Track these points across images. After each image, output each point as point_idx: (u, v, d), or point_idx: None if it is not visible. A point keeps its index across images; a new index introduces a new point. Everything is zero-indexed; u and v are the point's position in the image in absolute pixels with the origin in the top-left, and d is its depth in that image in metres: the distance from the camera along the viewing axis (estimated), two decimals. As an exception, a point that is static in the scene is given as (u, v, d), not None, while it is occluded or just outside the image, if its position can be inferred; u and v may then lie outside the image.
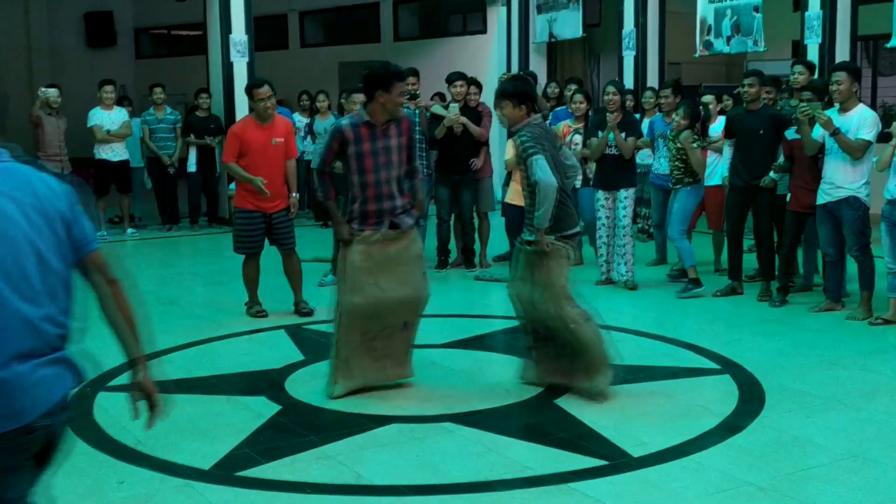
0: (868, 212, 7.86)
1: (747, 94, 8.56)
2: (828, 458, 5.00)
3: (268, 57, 17.81)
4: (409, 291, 6.06)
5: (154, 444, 5.27)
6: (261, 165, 8.00)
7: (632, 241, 9.22)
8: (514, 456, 5.08)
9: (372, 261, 5.96)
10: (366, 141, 5.94)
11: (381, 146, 5.97)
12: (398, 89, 5.91)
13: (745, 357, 6.81)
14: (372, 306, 5.94)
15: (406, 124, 6.10)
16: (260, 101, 8.02)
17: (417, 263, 6.14)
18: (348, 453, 5.11)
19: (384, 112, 5.94)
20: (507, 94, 6.05)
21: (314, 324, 8.00)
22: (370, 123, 5.95)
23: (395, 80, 5.90)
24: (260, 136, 8.03)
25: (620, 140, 9.03)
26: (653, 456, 5.04)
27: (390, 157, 5.99)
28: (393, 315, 6.05)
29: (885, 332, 7.52)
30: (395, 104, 5.94)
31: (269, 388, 6.30)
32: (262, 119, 8.08)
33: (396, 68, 6.01)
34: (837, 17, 11.79)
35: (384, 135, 5.98)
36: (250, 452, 5.14)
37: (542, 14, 15.97)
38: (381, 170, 5.97)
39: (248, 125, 8.14)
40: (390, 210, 6.03)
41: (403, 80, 6.07)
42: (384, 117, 5.96)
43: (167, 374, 6.62)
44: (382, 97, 5.88)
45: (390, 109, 5.94)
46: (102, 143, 12.83)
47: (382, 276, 5.96)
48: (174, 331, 7.83)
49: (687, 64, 15.82)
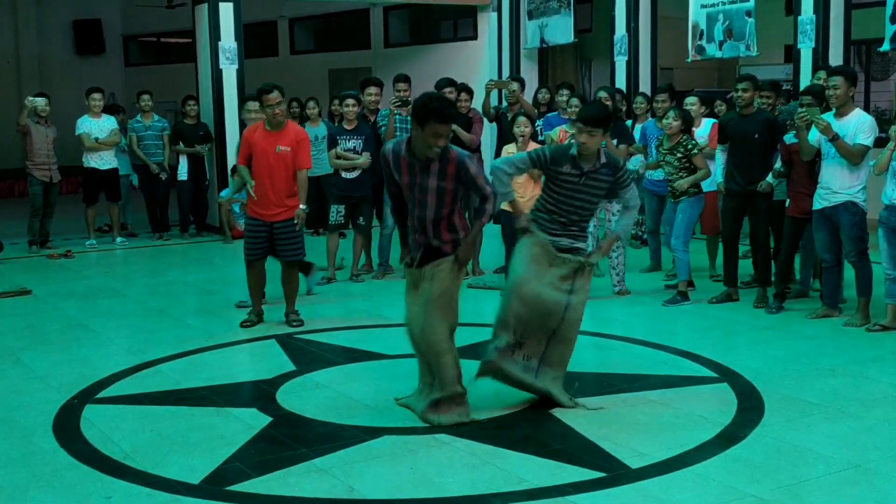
0: (865, 217, 7.79)
1: (741, 98, 8.49)
2: (829, 469, 4.92)
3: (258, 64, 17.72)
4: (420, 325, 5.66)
5: (142, 457, 5.17)
6: (261, 170, 7.92)
7: (623, 252, 9.15)
8: (509, 468, 4.98)
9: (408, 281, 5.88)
10: (405, 172, 5.57)
11: (418, 183, 5.55)
12: (432, 130, 5.35)
13: (743, 365, 6.73)
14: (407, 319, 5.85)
15: (454, 168, 5.52)
16: (268, 107, 7.90)
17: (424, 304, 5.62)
18: (341, 466, 5.01)
19: (418, 147, 5.49)
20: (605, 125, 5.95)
21: (306, 333, 7.92)
22: (405, 156, 5.55)
23: (433, 120, 5.35)
24: (265, 142, 7.94)
25: (613, 147, 8.94)
26: (651, 467, 4.94)
27: (425, 198, 5.53)
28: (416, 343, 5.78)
29: (884, 339, 7.44)
30: (423, 143, 5.42)
31: (260, 399, 6.20)
32: (271, 125, 7.98)
33: (439, 107, 5.38)
34: (830, 21, 11.75)
35: (423, 172, 5.52)
36: (241, 466, 5.03)
37: (533, 20, 15.91)
38: (417, 206, 5.59)
39: (258, 129, 8.08)
40: (424, 246, 5.68)
41: (444, 123, 5.38)
42: (421, 153, 5.49)
43: (156, 386, 6.56)
44: (416, 131, 5.43)
45: (421, 147, 5.46)
46: (91, 151, 12.73)
47: (412, 294, 5.79)
48: (164, 341, 7.75)
49: (679, 69, 15.77)
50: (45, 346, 7.74)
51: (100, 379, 6.70)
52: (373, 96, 10.33)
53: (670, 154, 8.90)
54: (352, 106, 9.99)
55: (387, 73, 11.30)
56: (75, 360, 7.30)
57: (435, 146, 5.42)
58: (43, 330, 8.30)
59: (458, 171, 5.52)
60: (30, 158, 12.33)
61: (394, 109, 9.97)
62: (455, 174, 5.52)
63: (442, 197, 5.53)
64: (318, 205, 11.77)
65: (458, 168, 5.52)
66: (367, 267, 10.50)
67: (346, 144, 9.93)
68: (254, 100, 8.91)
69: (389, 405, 5.98)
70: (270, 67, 19.08)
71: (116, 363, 7.12)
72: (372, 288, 9.79)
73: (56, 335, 8.10)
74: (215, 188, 13.53)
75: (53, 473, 5.00)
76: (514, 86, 10.99)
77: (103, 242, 13.00)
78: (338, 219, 10.05)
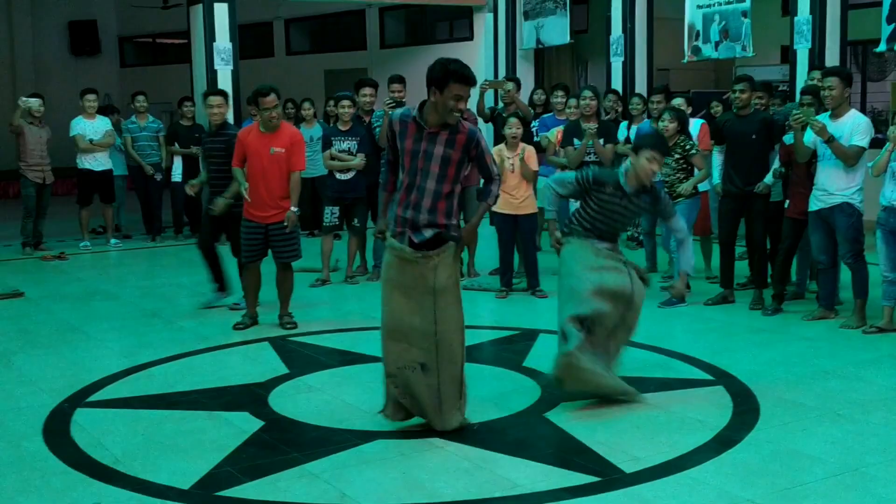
0: (861, 218, 7.75)
1: (738, 99, 8.45)
2: (825, 473, 4.88)
3: (253, 65, 17.70)
4: (419, 323, 5.34)
5: (133, 462, 5.13)
6: (255, 172, 7.90)
7: None
8: (503, 472, 4.94)
9: (390, 272, 5.44)
10: (409, 138, 5.38)
11: (423, 149, 5.35)
12: (453, 91, 5.22)
13: (739, 367, 6.68)
14: (385, 326, 5.43)
15: (464, 138, 5.39)
16: (265, 110, 7.86)
17: (432, 298, 5.34)
18: (332, 471, 4.96)
19: (435, 112, 5.31)
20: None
21: (300, 335, 7.88)
22: (417, 121, 5.38)
23: (453, 81, 5.22)
24: (259, 143, 7.92)
25: (600, 147, 8.91)
26: (646, 471, 4.90)
27: (429, 165, 5.33)
28: (400, 345, 5.38)
29: (880, 341, 7.40)
30: (445, 106, 5.25)
31: (252, 403, 6.14)
32: (266, 127, 7.94)
33: (460, 68, 5.30)
34: (827, 21, 11.72)
35: (431, 138, 5.35)
36: (232, 471, 4.98)
37: (529, 20, 15.87)
38: (416, 175, 5.36)
39: (252, 130, 8.09)
40: (412, 222, 5.38)
41: (466, 84, 5.27)
42: (436, 119, 5.33)
43: (148, 389, 6.51)
44: (436, 96, 5.26)
45: (441, 111, 5.28)
46: (85, 152, 12.68)
47: (396, 293, 5.40)
48: (156, 344, 7.71)
49: (676, 70, 15.73)
50: (36, 349, 7.69)
51: (91, 382, 6.66)
52: (367, 97, 10.28)
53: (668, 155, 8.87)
54: (347, 107, 9.95)
55: (383, 73, 11.28)
56: (67, 363, 7.25)
57: (455, 110, 5.29)
58: (35, 333, 8.24)
59: (468, 141, 5.40)
60: (23, 160, 12.27)
61: (388, 110, 9.92)
62: (465, 144, 5.39)
63: (446, 166, 5.36)
64: (313, 206, 11.73)
65: (469, 139, 5.40)
66: (362, 269, 10.46)
67: (340, 145, 9.89)
68: (216, 94, 8.81)
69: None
70: (266, 68, 19.07)
71: (108, 366, 7.07)
72: (366, 290, 9.73)
73: (48, 338, 8.05)
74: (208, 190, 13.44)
75: (42, 479, 4.95)
76: (509, 85, 10.95)
77: (97, 244, 12.95)
78: (332, 220, 10.01)
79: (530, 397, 6.15)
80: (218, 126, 8.71)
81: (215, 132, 8.72)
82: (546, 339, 7.68)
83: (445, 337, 5.36)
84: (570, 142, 8.98)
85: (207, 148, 8.81)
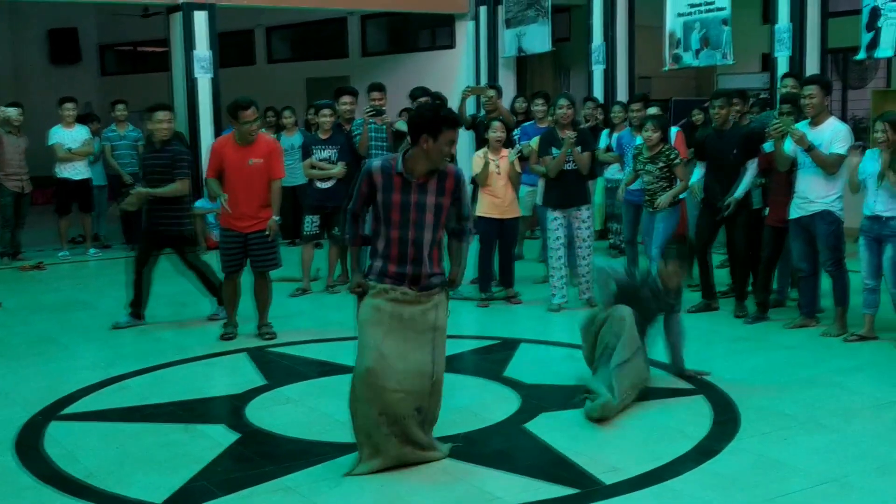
0: (842, 226, 7.74)
1: (717, 115, 8.43)
2: (807, 483, 4.84)
3: (234, 73, 17.61)
4: (416, 363, 5.06)
5: (106, 476, 5.05)
6: (235, 184, 7.84)
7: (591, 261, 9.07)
8: (481, 485, 4.88)
9: (379, 315, 5.06)
10: (397, 191, 5.05)
11: (415, 201, 5.07)
12: (447, 137, 5.01)
13: (719, 376, 6.65)
14: (373, 374, 4.98)
15: (452, 183, 5.20)
16: (245, 124, 7.79)
17: (436, 333, 5.15)
18: (309, 485, 4.89)
19: (426, 161, 5.05)
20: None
21: (279, 346, 7.81)
22: (402, 174, 5.08)
23: (446, 127, 5.01)
24: (236, 156, 7.85)
25: (578, 155, 8.87)
26: (626, 483, 4.86)
27: (423, 217, 5.07)
28: (397, 395, 5.00)
29: (861, 349, 7.39)
30: (440, 154, 5.03)
31: (228, 415, 6.08)
32: (244, 140, 7.87)
33: (449, 113, 5.15)
34: (807, 29, 11.74)
35: (420, 188, 5.08)
36: (206, 484, 4.91)
37: (511, 28, 15.85)
38: (411, 228, 5.07)
39: (228, 143, 7.99)
40: (413, 277, 5.10)
41: (456, 128, 5.12)
42: (424, 167, 5.08)
43: (123, 402, 6.43)
44: (427, 143, 4.99)
45: (433, 159, 5.05)
46: (64, 161, 12.58)
47: (388, 339, 5.03)
48: (134, 355, 7.65)
49: (657, 78, 15.74)
50: (11, 360, 7.58)
51: (66, 394, 6.57)
52: (347, 105, 10.23)
53: (651, 163, 8.84)
54: (328, 116, 9.90)
55: (364, 81, 11.21)
56: (42, 375, 7.16)
57: (448, 155, 5.13)
58: (10, 344, 8.14)
59: (456, 185, 5.20)
60: (1, 169, 12.16)
61: (368, 119, 9.89)
62: (453, 189, 5.20)
63: (440, 214, 5.17)
64: (294, 215, 11.67)
65: (457, 182, 5.21)
66: (343, 278, 10.39)
67: (320, 154, 9.84)
68: (164, 109, 8.62)
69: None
70: (247, 76, 18.98)
71: (84, 378, 6.98)
72: (346, 299, 9.55)
73: (23, 349, 7.95)
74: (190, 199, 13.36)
75: (13, 494, 4.87)
76: (490, 92, 10.91)
77: (76, 254, 12.85)
78: (312, 229, 9.95)
79: (510, 408, 6.10)
80: (163, 142, 8.48)
81: (160, 147, 8.48)
82: (527, 349, 7.65)
83: (440, 377, 5.18)
84: (548, 151, 8.93)
85: (150, 164, 8.54)
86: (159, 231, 8.47)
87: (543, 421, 5.83)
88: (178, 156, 8.39)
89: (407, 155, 5.10)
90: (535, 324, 8.59)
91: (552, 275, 9.07)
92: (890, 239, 7.34)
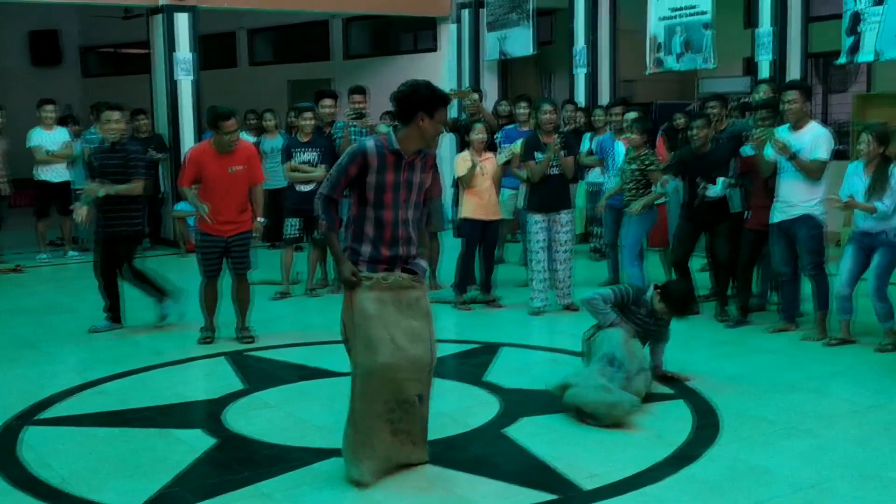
0: (823, 230, 7.74)
1: (697, 137, 8.35)
2: (786, 489, 4.82)
3: (217, 75, 17.54)
4: (421, 352, 4.98)
5: (80, 482, 5.00)
6: (216, 192, 7.79)
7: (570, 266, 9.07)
8: (460, 491, 4.85)
9: (384, 308, 4.93)
10: (390, 171, 4.93)
11: (405, 179, 5.00)
12: (441, 115, 4.98)
13: (699, 381, 6.62)
14: (390, 368, 4.89)
15: (432, 159, 5.21)
16: (226, 134, 7.74)
17: (429, 319, 5.10)
18: (285, 491, 4.85)
19: (420, 140, 4.98)
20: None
21: (258, 350, 7.76)
22: (399, 152, 4.98)
23: (440, 105, 4.98)
24: (217, 165, 7.79)
25: (565, 159, 8.86)
26: (605, 489, 4.83)
27: (411, 196, 5.10)
28: (408, 382, 4.96)
29: (842, 354, 7.38)
30: (435, 132, 4.99)
31: (206, 420, 6.03)
32: (223, 149, 7.81)
33: (441, 91, 5.07)
34: (789, 34, 11.75)
35: (410, 167, 5.00)
36: (181, 491, 4.86)
37: (494, 31, 15.82)
38: (402, 208, 5.01)
39: (207, 152, 7.90)
40: (405, 258, 5.08)
41: (447, 106, 5.11)
42: (416, 146, 5.00)
43: (100, 406, 6.36)
44: (423, 121, 4.91)
45: (427, 138, 5.00)
46: (43, 164, 12.50)
47: (397, 330, 4.92)
48: (112, 358, 7.58)
49: (640, 81, 15.73)
50: (-12, 364, 7.52)
51: (43, 399, 6.51)
52: (328, 108, 10.20)
53: (628, 163, 8.88)
54: (308, 119, 9.87)
55: (347, 84, 11.15)
56: (19, 379, 7.09)
57: (441, 134, 5.12)
58: (-13, 348, 8.07)
59: (433, 160, 5.25)
60: (-19, 171, 12.08)
61: (350, 122, 9.85)
62: (432, 164, 5.23)
63: (422, 192, 5.16)
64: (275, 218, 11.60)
65: (433, 157, 5.24)
66: (323, 281, 10.35)
67: (301, 157, 9.80)
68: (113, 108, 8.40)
69: (339, 425, 5.75)
70: (230, 78, 18.91)
71: (61, 382, 6.92)
72: (328, 303, 9.58)
73: (1, 353, 7.86)
74: (170, 201, 13.33)
75: (-15, 500, 4.82)
76: (473, 96, 10.88)
77: (55, 256, 12.77)
78: (293, 232, 9.91)
79: (489, 412, 6.07)
80: (114, 142, 8.34)
81: (111, 148, 8.35)
82: (507, 353, 7.62)
83: (435, 364, 5.14)
84: (531, 155, 8.90)
85: (103, 164, 8.36)
86: (111, 232, 8.32)
87: (523, 426, 5.80)
88: (131, 156, 8.29)
89: (399, 135, 4.98)
90: (516, 327, 8.56)
91: (532, 278, 9.05)
92: (881, 248, 7.34)
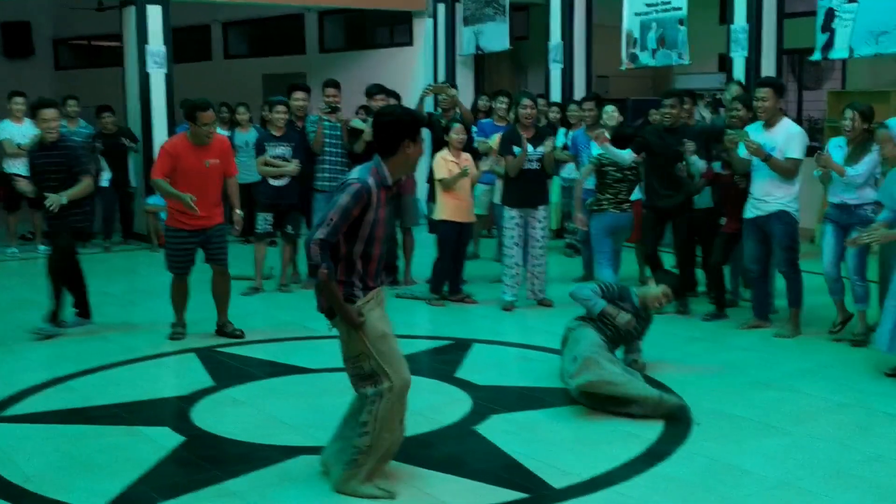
0: (797, 227, 7.73)
1: (668, 115, 8.51)
2: (759, 487, 4.80)
3: (191, 68, 17.41)
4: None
5: (44, 481, 4.92)
6: (192, 185, 7.67)
7: (544, 262, 9.04)
8: (430, 490, 4.80)
9: (388, 324, 4.76)
10: (383, 206, 4.63)
11: (388, 212, 4.86)
12: (422, 135, 4.77)
13: (672, 378, 6.59)
14: (409, 382, 4.77)
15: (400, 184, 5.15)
16: (204, 126, 7.66)
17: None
18: (252, 490, 4.78)
19: (406, 167, 4.73)
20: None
21: (227, 346, 7.68)
22: (391, 186, 4.71)
23: (421, 126, 4.76)
24: (193, 158, 7.69)
25: (550, 155, 8.83)
26: (575, 487, 4.79)
27: (388, 228, 5.04)
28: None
29: (815, 351, 7.38)
30: (420, 154, 4.76)
31: (173, 417, 5.96)
32: (199, 141, 7.72)
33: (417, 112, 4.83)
34: (763, 30, 11.76)
35: (389, 199, 4.79)
36: (147, 490, 4.79)
37: (469, 26, 15.77)
38: (385, 242, 4.89)
39: (182, 144, 7.79)
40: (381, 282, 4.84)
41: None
42: (402, 174, 4.81)
43: (67, 403, 6.28)
44: (410, 148, 4.63)
45: (412, 164, 4.77)
46: (13, 156, 12.34)
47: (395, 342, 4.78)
48: (78, 355, 7.47)
49: (615, 77, 15.73)
50: (-47, 360, 7.41)
51: (8, 396, 6.41)
52: (299, 101, 10.11)
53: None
54: (282, 112, 9.79)
55: (322, 78, 11.06)
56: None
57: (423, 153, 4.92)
58: (-47, 343, 7.95)
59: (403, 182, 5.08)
60: (-51, 164, 11.93)
61: (323, 116, 9.77)
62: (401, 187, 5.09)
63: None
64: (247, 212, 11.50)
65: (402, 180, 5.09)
66: (295, 277, 10.27)
67: (274, 151, 9.71)
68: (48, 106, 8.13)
69: (308, 423, 5.76)
70: (204, 72, 18.78)
71: (28, 379, 6.81)
72: (300, 298, 9.52)
73: (-34, 349, 7.77)
74: (141, 195, 13.21)
75: (-55, 500, 4.73)
76: (452, 91, 10.83)
77: (25, 251, 12.61)
78: (265, 227, 9.82)
79: (461, 410, 6.03)
80: (52, 141, 8.10)
81: (50, 146, 8.10)
82: (480, 350, 7.57)
83: None
84: (509, 150, 8.83)
85: (42, 163, 8.14)
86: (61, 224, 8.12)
87: (495, 423, 5.76)
88: (73, 153, 8.16)
89: (388, 167, 4.65)
90: (489, 324, 8.51)
91: (505, 273, 9.01)
92: (856, 227, 7.33)
